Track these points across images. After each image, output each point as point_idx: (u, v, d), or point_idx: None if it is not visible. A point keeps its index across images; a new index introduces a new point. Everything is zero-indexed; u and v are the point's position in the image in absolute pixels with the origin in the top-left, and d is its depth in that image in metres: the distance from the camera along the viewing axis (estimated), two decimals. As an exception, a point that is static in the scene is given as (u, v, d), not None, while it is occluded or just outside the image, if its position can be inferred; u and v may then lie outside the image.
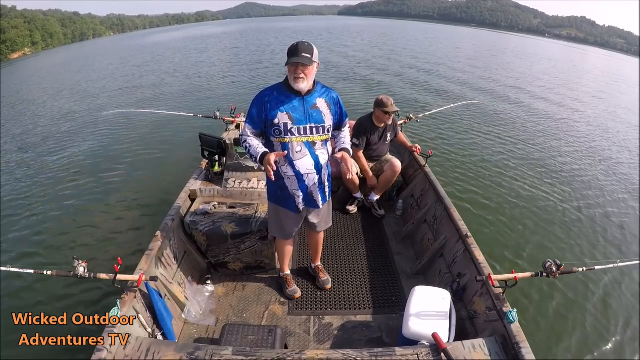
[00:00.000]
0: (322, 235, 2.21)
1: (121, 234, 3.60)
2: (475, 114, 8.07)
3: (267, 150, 1.70)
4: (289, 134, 1.69)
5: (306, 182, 1.81)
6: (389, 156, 3.10)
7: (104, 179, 4.94)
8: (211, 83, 11.64)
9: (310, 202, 1.90)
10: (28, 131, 7.39)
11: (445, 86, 11.17)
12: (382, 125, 2.96)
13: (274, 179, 1.66)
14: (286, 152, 1.70)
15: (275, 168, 1.61)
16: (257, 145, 1.71)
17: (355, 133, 2.95)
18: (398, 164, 2.97)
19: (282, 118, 1.68)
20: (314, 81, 1.72)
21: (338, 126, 1.85)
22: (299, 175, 1.78)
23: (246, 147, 1.73)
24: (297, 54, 1.60)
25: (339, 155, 1.76)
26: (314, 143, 1.75)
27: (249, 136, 1.74)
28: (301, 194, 1.84)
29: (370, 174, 2.99)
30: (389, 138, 3.05)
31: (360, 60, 16.46)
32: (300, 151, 1.73)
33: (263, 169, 1.67)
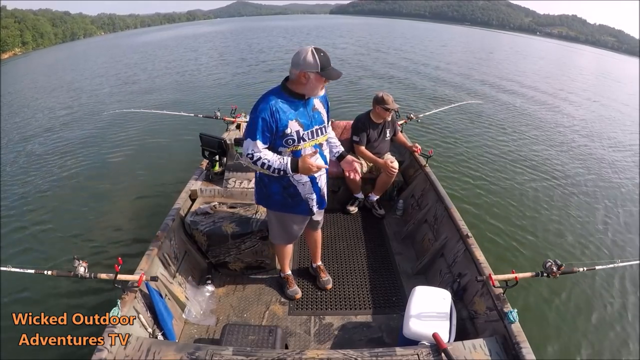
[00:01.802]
0: (320, 233, 2.22)
1: (121, 234, 3.60)
2: (476, 113, 8.07)
3: (292, 157, 1.61)
4: (302, 141, 1.64)
5: (319, 184, 1.82)
6: (388, 156, 3.08)
7: (104, 178, 4.94)
8: (207, 82, 11.64)
9: (322, 202, 1.91)
10: (26, 132, 7.38)
11: (444, 86, 11.18)
12: (381, 121, 2.96)
13: (327, 167, 1.67)
14: (317, 150, 1.67)
15: (319, 163, 1.61)
16: (277, 158, 1.59)
17: (355, 130, 2.95)
18: (395, 165, 2.95)
19: (293, 126, 1.60)
20: None
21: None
22: (313, 179, 1.76)
23: (263, 164, 1.57)
24: (329, 65, 1.56)
25: (347, 165, 1.81)
26: (321, 144, 1.75)
27: (261, 152, 1.57)
28: (315, 196, 1.82)
29: (381, 160, 2.94)
30: (388, 135, 3.04)
31: (353, 59, 16.47)
32: (314, 154, 1.70)
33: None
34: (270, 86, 1.70)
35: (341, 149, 1.92)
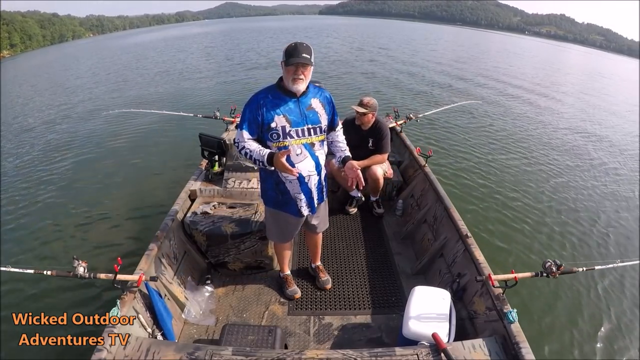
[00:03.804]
0: (320, 235, 2.21)
1: (121, 234, 3.60)
2: (474, 113, 8.08)
3: (271, 151, 1.64)
4: (288, 137, 1.66)
5: (308, 185, 1.79)
6: (378, 166, 2.91)
7: (104, 179, 4.94)
8: (200, 83, 11.68)
9: (312, 204, 1.88)
10: (23, 134, 7.37)
11: (441, 87, 11.18)
12: (365, 128, 2.85)
13: (297, 175, 1.63)
14: (290, 149, 1.65)
15: (294, 168, 1.58)
16: (258, 149, 1.64)
17: None
18: (376, 171, 2.83)
19: (279, 121, 1.64)
20: None
21: (332, 127, 1.83)
22: (301, 178, 1.75)
23: (246, 154, 1.65)
24: (297, 55, 1.57)
25: (348, 171, 1.74)
26: (312, 144, 1.73)
27: (245, 142, 1.66)
28: (303, 197, 1.81)
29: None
30: (370, 145, 2.87)
31: (346, 60, 16.48)
32: (301, 153, 1.70)
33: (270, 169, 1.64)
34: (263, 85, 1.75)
35: (345, 153, 1.86)
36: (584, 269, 1.74)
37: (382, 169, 2.91)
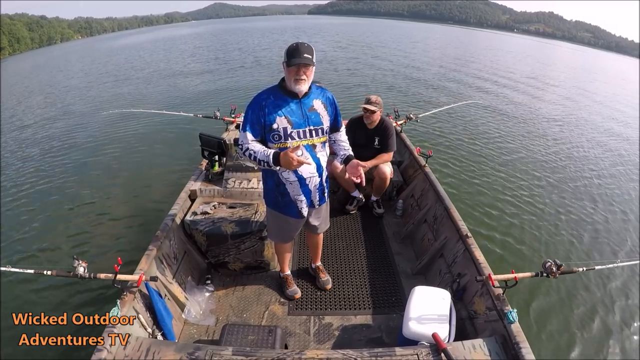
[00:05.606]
0: (321, 236, 2.21)
1: (121, 234, 3.60)
2: (474, 113, 8.08)
3: (276, 150, 1.62)
4: (289, 139, 1.65)
5: (309, 186, 1.79)
6: (383, 166, 2.92)
7: (103, 179, 4.94)
8: (194, 83, 11.70)
9: (312, 206, 1.89)
10: (23, 133, 7.36)
11: (438, 86, 11.17)
12: (371, 126, 2.86)
13: (311, 163, 1.66)
14: (298, 147, 1.63)
15: (301, 159, 1.56)
16: (262, 149, 1.62)
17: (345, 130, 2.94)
18: (385, 170, 2.84)
19: (280, 122, 1.63)
20: None
21: (335, 127, 1.81)
22: (301, 180, 1.75)
23: (250, 155, 1.63)
24: (298, 55, 1.56)
25: (351, 169, 1.71)
26: (314, 146, 1.72)
27: (249, 143, 1.64)
28: (304, 198, 1.81)
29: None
30: (376, 143, 2.89)
31: (333, 59, 16.46)
32: (302, 155, 1.68)
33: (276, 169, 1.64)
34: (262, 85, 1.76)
35: (348, 152, 1.84)
36: (584, 269, 1.74)
37: (389, 167, 2.92)
